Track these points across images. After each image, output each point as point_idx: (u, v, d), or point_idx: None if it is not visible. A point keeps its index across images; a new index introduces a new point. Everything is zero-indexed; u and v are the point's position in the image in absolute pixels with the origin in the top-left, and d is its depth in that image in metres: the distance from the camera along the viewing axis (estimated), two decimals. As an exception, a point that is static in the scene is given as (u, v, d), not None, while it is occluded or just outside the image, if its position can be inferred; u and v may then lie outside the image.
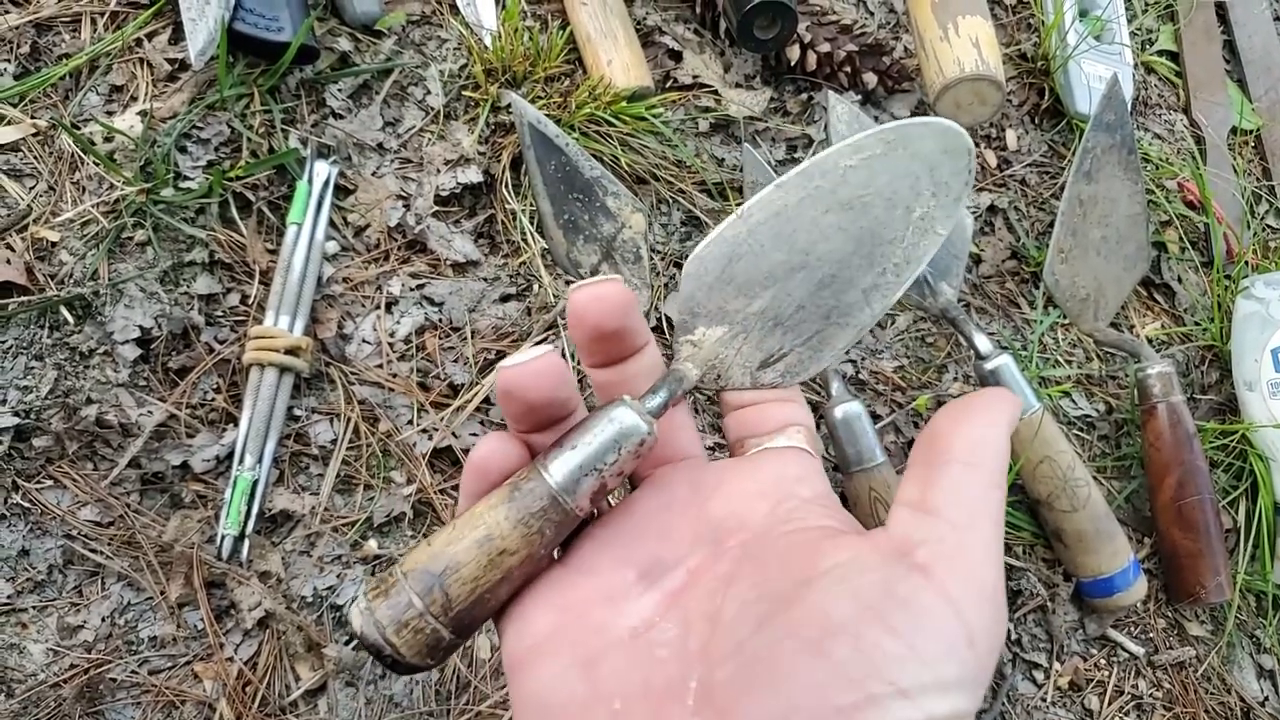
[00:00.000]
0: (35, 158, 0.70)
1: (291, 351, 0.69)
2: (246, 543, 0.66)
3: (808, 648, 0.25)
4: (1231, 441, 0.90)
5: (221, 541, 0.65)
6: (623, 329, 0.34)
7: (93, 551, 0.64)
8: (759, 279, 0.35)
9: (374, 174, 0.78)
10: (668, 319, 0.79)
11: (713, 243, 0.35)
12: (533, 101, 0.80)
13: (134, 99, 0.73)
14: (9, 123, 0.70)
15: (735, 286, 0.36)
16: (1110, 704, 0.81)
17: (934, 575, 0.26)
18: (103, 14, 0.75)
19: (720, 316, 0.36)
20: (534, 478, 0.31)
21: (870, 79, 0.93)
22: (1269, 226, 1.07)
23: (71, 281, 0.67)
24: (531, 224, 0.79)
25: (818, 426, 0.81)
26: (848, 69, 0.92)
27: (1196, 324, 0.98)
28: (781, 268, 0.35)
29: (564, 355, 0.75)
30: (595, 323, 0.33)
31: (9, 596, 0.62)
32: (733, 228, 0.35)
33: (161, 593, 0.65)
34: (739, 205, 0.35)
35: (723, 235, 0.35)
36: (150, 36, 0.75)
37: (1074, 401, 0.90)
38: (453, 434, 0.72)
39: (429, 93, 0.81)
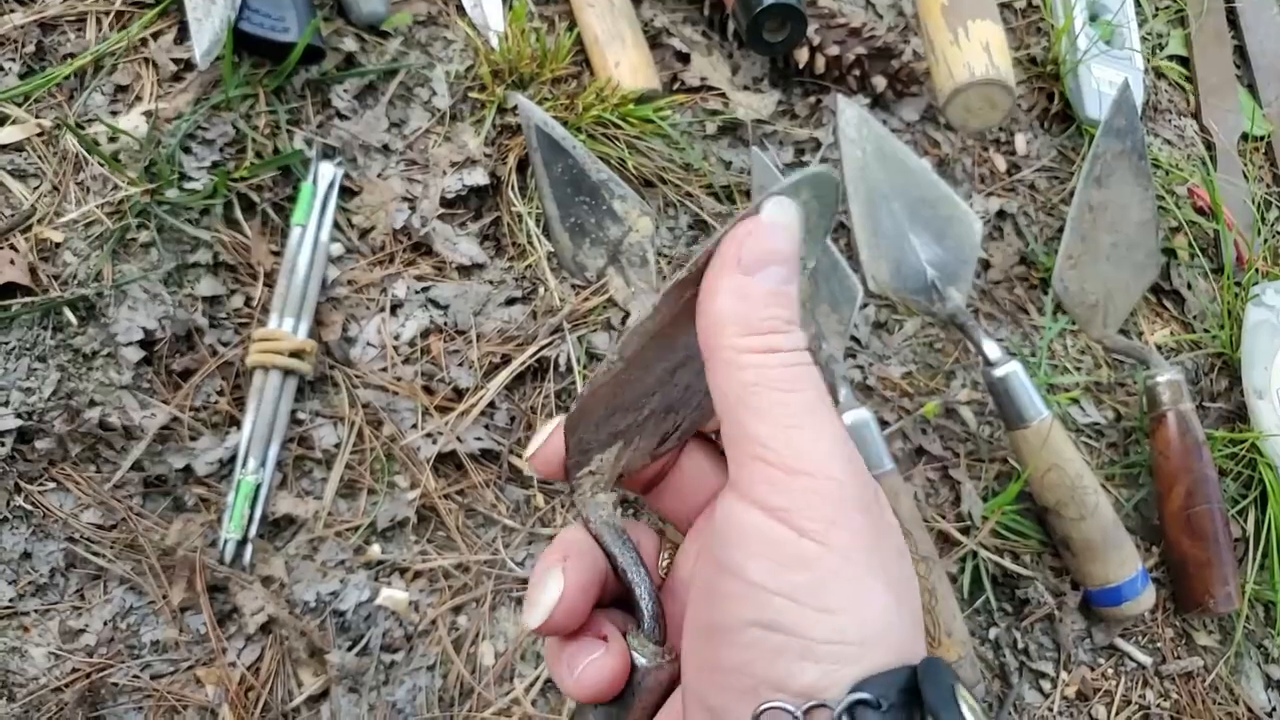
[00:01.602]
0: (39, 158, 0.70)
1: (295, 354, 0.68)
2: (249, 547, 0.66)
3: None
4: (1241, 450, 0.89)
5: (224, 546, 0.65)
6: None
7: (95, 555, 0.64)
8: (645, 393, 0.35)
9: (379, 175, 0.77)
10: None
11: (592, 394, 0.34)
12: (539, 103, 0.80)
13: (139, 99, 0.73)
14: (13, 122, 0.70)
15: (622, 411, 0.35)
16: (1117, 714, 0.80)
17: None
18: (108, 13, 0.74)
19: (611, 439, 0.35)
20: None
21: (879, 82, 0.92)
22: (1279, 233, 1.06)
23: (75, 282, 0.67)
24: (537, 227, 0.79)
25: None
26: (857, 72, 0.92)
27: (1206, 331, 0.97)
28: (665, 372, 0.35)
29: (570, 359, 0.75)
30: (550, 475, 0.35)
31: (11, 600, 0.62)
32: (609, 371, 0.34)
33: (164, 597, 0.64)
34: (614, 348, 0.34)
35: (600, 382, 0.34)
36: (155, 36, 0.75)
37: (1082, 409, 0.89)
38: (457, 438, 0.72)
39: (435, 94, 0.81)
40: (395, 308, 0.74)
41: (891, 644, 0.27)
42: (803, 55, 0.90)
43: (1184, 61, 1.13)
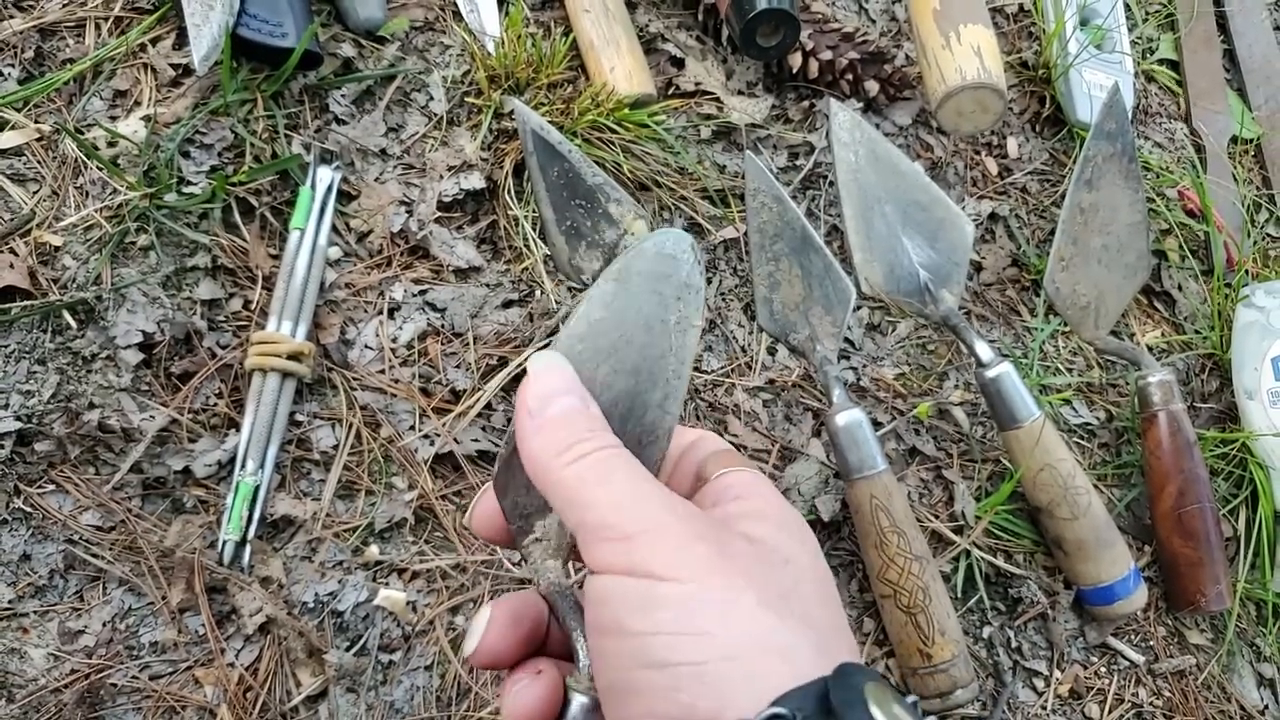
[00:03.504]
0: (39, 162, 0.70)
1: (294, 357, 0.69)
2: (248, 548, 0.66)
3: None
4: (1231, 450, 0.90)
5: (223, 547, 0.65)
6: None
7: (94, 556, 0.64)
8: None
9: (377, 180, 0.78)
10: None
11: (510, 455, 0.37)
12: (535, 108, 0.81)
13: (138, 104, 0.74)
14: (13, 127, 0.70)
15: None
16: (1110, 712, 0.81)
17: None
18: (107, 19, 0.75)
19: (547, 506, 0.37)
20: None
21: (872, 87, 0.93)
22: (1269, 235, 1.07)
23: (74, 286, 0.67)
24: (534, 230, 0.79)
25: (818, 434, 0.82)
26: (849, 77, 0.92)
27: (1197, 332, 0.98)
28: None
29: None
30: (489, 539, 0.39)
31: (10, 601, 0.62)
32: (513, 439, 0.36)
33: (163, 598, 0.64)
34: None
35: (514, 445, 0.36)
36: (154, 42, 0.75)
37: (1074, 409, 0.90)
38: (454, 440, 0.72)
39: (432, 99, 0.82)
40: (393, 310, 0.75)
41: (782, 650, 0.28)
42: (796, 60, 0.91)
43: (1174, 65, 1.14)
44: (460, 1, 0.86)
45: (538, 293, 0.79)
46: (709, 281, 0.84)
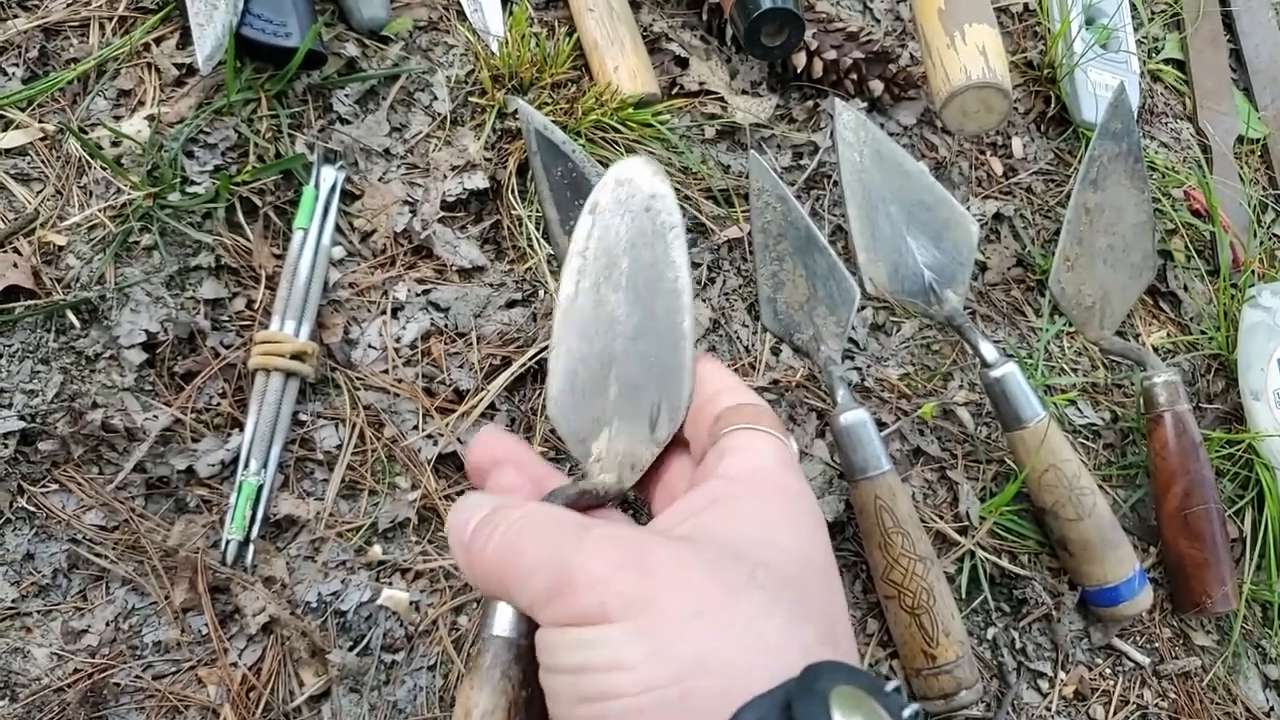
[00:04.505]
0: (43, 162, 0.70)
1: (297, 356, 0.69)
2: (251, 548, 0.66)
3: None
4: (1238, 451, 0.90)
5: (226, 546, 0.65)
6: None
7: (97, 556, 0.64)
8: (599, 372, 0.39)
9: (380, 179, 0.78)
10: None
11: (551, 379, 0.40)
12: (539, 108, 0.80)
13: (141, 104, 0.74)
14: (17, 127, 0.70)
15: (589, 394, 0.39)
16: (1115, 714, 0.80)
17: None
18: (111, 19, 0.75)
19: (598, 424, 0.39)
20: (484, 647, 0.34)
21: (876, 86, 0.93)
22: (1275, 235, 1.07)
23: (78, 285, 0.67)
24: (537, 230, 0.79)
25: (822, 434, 0.81)
26: (854, 76, 0.92)
27: (1203, 333, 0.97)
28: (606, 350, 0.40)
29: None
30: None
31: (13, 600, 0.62)
32: (555, 356, 0.40)
33: (166, 597, 0.64)
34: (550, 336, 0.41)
35: (554, 369, 0.40)
36: (158, 41, 0.75)
37: (1079, 410, 0.90)
38: (458, 440, 0.72)
39: (436, 99, 0.81)
40: (396, 310, 0.75)
41: (729, 663, 0.27)
42: (800, 60, 0.91)
43: (1180, 65, 1.14)
44: (464, 1, 0.86)
45: (541, 293, 0.78)
46: (713, 281, 0.84)
